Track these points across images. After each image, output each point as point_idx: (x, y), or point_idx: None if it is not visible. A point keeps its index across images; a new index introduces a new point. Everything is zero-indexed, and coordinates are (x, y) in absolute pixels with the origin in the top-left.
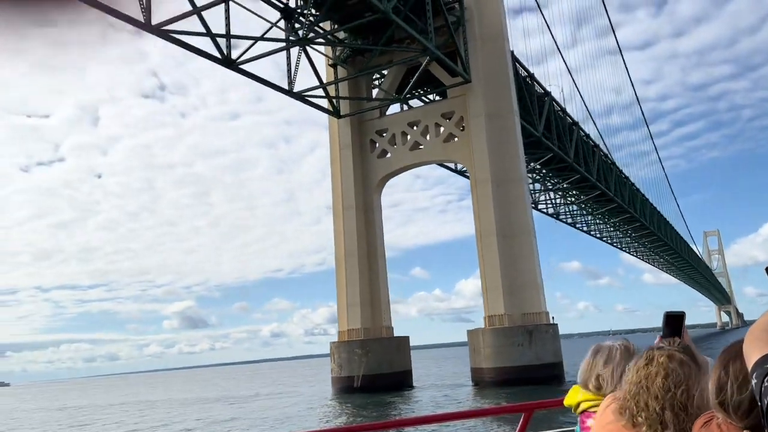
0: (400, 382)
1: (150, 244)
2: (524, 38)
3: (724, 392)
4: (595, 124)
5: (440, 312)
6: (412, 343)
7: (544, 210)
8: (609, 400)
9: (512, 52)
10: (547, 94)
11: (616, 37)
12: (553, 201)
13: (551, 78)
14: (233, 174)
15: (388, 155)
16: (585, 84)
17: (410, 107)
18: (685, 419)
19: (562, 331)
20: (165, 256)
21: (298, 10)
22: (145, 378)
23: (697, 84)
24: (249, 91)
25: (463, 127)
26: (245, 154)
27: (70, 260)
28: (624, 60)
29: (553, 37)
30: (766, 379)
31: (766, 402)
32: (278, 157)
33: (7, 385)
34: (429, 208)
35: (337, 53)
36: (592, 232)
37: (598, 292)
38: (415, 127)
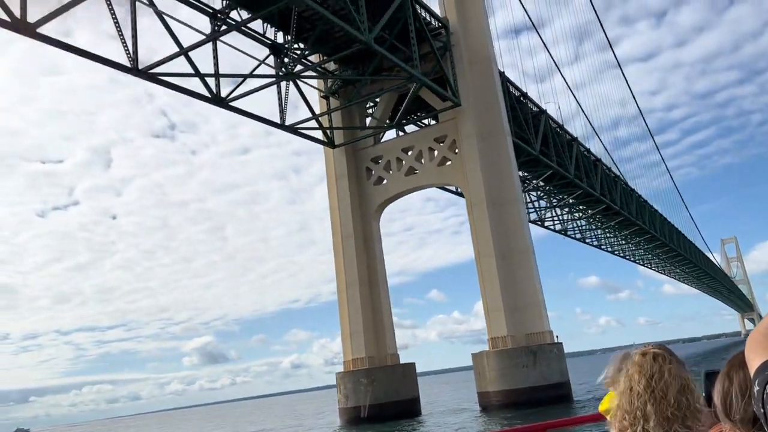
0: (407, 410)
1: (167, 281)
2: (518, 57)
3: (729, 401)
4: (600, 138)
5: (460, 334)
6: (432, 367)
7: (551, 227)
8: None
9: (503, 73)
10: (543, 111)
11: (613, 51)
12: (560, 217)
13: (553, 95)
14: (246, 207)
15: (385, 182)
16: (588, 99)
17: (405, 132)
18: (667, 407)
19: (584, 347)
20: (182, 292)
21: (286, 45)
22: (163, 417)
23: (704, 92)
24: (258, 125)
25: (456, 150)
26: (257, 187)
27: (89, 302)
28: (623, 73)
29: (551, 55)
30: (767, 386)
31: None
32: (289, 188)
33: (27, 431)
34: (442, 230)
35: (329, 84)
36: (602, 246)
37: (618, 306)
38: (409, 153)
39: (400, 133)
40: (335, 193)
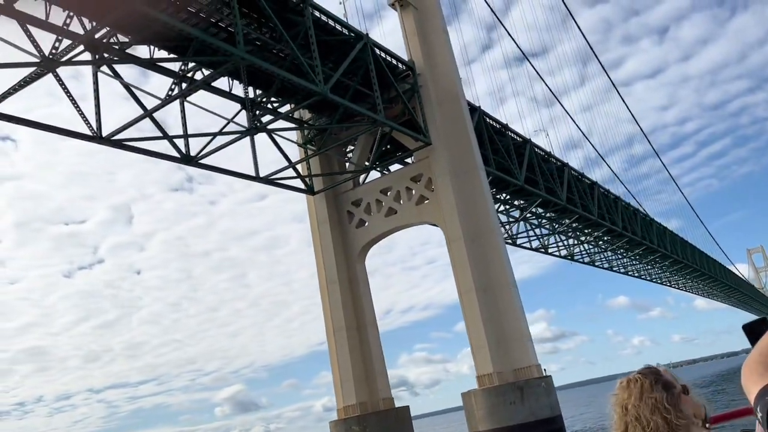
0: None
1: (194, 332)
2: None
3: None
4: (605, 161)
5: None
6: (461, 404)
7: (556, 253)
8: None
9: (479, 108)
10: (527, 141)
11: (608, 75)
12: (565, 243)
13: (553, 123)
14: (267, 252)
15: (366, 224)
16: (597, 121)
17: (385, 173)
18: (674, 416)
19: (619, 369)
20: (210, 342)
21: (257, 99)
22: None
23: (715, 103)
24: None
25: (432, 188)
26: (276, 231)
27: (118, 358)
28: (620, 94)
29: (548, 86)
30: None
31: None
32: (307, 230)
33: None
34: None
35: (305, 133)
36: (614, 268)
37: (651, 324)
38: (388, 193)
39: (378, 175)
40: (318, 240)
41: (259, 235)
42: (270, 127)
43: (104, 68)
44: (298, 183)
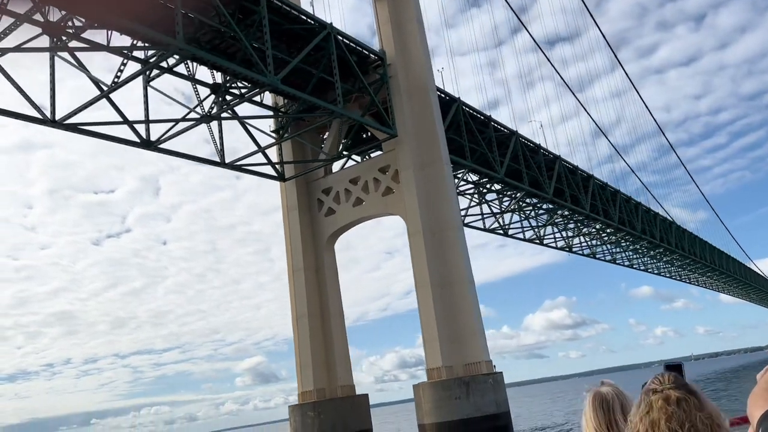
0: None
1: (218, 303)
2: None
3: None
4: (623, 158)
5: (510, 350)
6: None
7: (552, 245)
8: None
9: (458, 99)
10: (513, 133)
11: (625, 71)
12: (563, 235)
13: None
14: None
15: (335, 213)
16: (610, 118)
17: (356, 163)
18: None
19: (641, 359)
20: (233, 314)
21: (219, 84)
22: None
23: (752, 93)
24: None
25: (399, 180)
26: None
27: (144, 326)
28: (636, 88)
29: (562, 78)
30: None
31: None
32: None
33: None
34: (487, 244)
35: (280, 120)
36: (634, 266)
37: (674, 315)
38: (357, 183)
39: (352, 163)
40: (287, 226)
41: (282, 211)
42: (229, 114)
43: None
44: (269, 170)
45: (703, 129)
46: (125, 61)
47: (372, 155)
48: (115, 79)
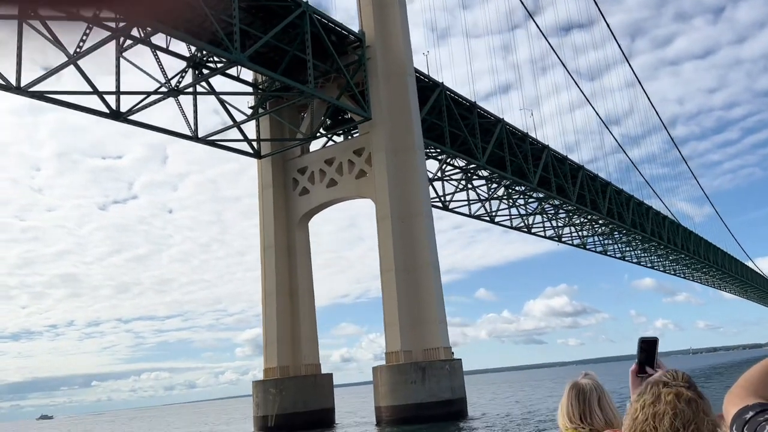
0: (319, 420)
1: (222, 274)
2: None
3: None
4: (624, 152)
5: (510, 334)
6: (478, 366)
7: (541, 233)
8: None
9: (442, 84)
10: (499, 120)
11: (631, 66)
12: (552, 224)
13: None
14: None
15: (309, 193)
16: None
17: (333, 143)
18: None
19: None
20: (236, 285)
21: (197, 56)
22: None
23: (767, 89)
24: None
25: (372, 163)
26: None
27: (147, 292)
28: (644, 89)
29: (568, 71)
30: (745, 427)
31: None
32: None
33: (51, 417)
34: (491, 228)
35: (260, 96)
36: (626, 258)
37: (675, 308)
38: (331, 165)
39: (329, 144)
40: (261, 204)
41: None
42: (205, 89)
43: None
44: (246, 147)
45: (715, 123)
46: (90, 26)
47: (356, 136)
48: (81, 44)
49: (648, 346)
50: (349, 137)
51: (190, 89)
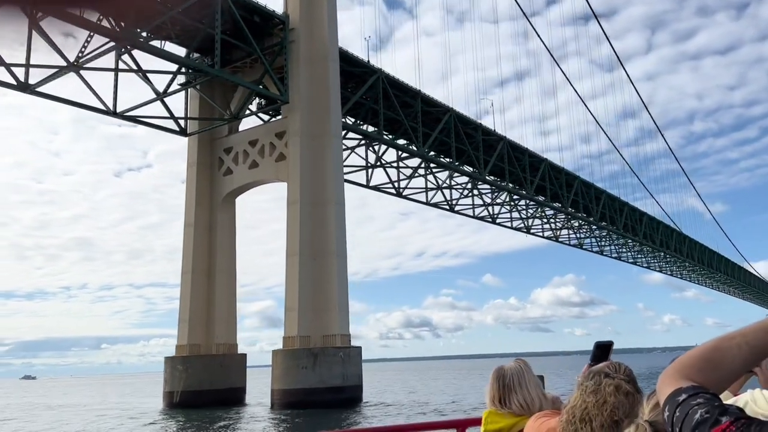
0: (226, 398)
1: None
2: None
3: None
4: (620, 154)
5: (516, 321)
6: (487, 351)
7: (507, 224)
8: (545, 417)
9: (380, 70)
10: (447, 110)
11: (627, 73)
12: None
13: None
14: None
15: (232, 173)
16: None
17: (266, 122)
18: None
19: (645, 344)
20: (247, 258)
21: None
22: None
23: None
24: None
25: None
26: None
27: (159, 260)
28: (635, 86)
29: (561, 69)
30: (677, 409)
31: (676, 430)
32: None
33: (33, 378)
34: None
35: (190, 75)
36: (622, 258)
37: (684, 304)
38: (255, 146)
39: (257, 124)
40: (187, 181)
41: None
42: (115, 65)
43: None
44: (171, 124)
45: (734, 121)
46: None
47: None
48: None
49: (601, 351)
50: (274, 119)
51: (110, 65)
